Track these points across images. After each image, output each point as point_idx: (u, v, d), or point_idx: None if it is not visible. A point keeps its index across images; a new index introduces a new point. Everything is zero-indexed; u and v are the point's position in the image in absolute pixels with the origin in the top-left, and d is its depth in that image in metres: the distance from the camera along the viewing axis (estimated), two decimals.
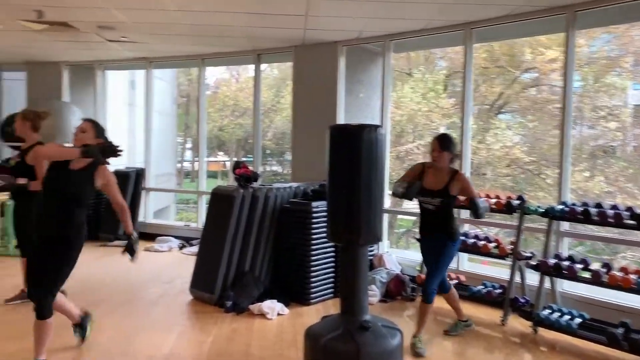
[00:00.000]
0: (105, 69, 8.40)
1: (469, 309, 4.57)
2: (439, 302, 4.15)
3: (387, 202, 6.06)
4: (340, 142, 3.19)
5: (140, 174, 7.87)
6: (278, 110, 17.58)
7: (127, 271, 5.95)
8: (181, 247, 7.26)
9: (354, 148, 3.10)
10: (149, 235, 7.77)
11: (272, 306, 4.57)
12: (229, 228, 4.83)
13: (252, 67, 7.13)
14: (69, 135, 7.88)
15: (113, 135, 8.84)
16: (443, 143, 3.74)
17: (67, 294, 4.50)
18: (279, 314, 4.55)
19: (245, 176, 5.15)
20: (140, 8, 5.05)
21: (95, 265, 6.17)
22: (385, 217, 6.37)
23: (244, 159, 19.12)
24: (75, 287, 4.88)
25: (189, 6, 4.96)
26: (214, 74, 19.75)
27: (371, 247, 5.25)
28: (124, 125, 11.64)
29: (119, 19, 5.40)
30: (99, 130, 3.33)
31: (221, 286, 4.79)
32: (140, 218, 7.93)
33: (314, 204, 4.87)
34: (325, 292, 4.99)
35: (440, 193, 3.71)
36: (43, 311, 3.19)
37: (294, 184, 5.49)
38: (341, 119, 6.35)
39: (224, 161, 21.73)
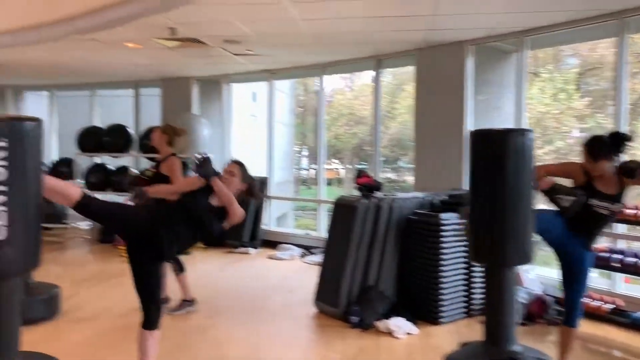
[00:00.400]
0: (230, 82, 8.72)
1: (631, 340, 3.97)
2: (587, 327, 3.62)
3: None
4: (484, 148, 2.86)
5: (263, 182, 8.02)
6: (393, 116, 17.30)
7: (252, 278, 6.04)
8: (302, 256, 7.25)
9: (499, 155, 2.76)
10: (271, 243, 7.88)
11: (399, 324, 4.31)
12: (352, 239, 4.67)
13: (366, 74, 7.06)
14: (198, 147, 8.32)
15: (237, 146, 9.11)
16: (593, 152, 3.07)
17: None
18: (407, 333, 4.28)
19: (368, 185, 4.96)
20: (265, 20, 5.09)
21: (221, 272, 6.34)
22: None
23: (360, 166, 19.06)
24: (203, 294, 5.01)
25: (313, 15, 4.91)
26: (328, 83, 19.97)
27: None
28: (246, 136, 12.09)
29: (244, 32, 5.50)
30: (245, 172, 3.28)
31: (346, 300, 4.63)
32: (264, 226, 8.08)
33: (444, 215, 4.54)
34: (457, 311, 4.63)
35: (618, 198, 3.16)
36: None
37: (419, 194, 5.19)
38: (469, 124, 5.94)
39: (338, 169, 21.84)
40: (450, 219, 4.54)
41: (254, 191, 3.29)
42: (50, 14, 5.41)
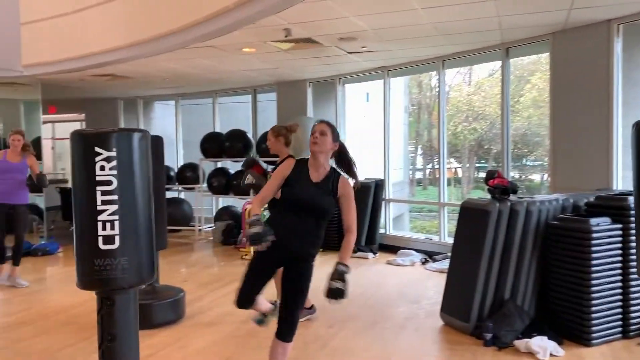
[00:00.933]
0: (345, 82, 8.54)
1: None
2: None
3: None
4: None
5: (379, 184, 7.73)
6: (515, 110, 16.12)
7: (372, 285, 5.75)
8: (423, 262, 6.83)
9: None
10: (389, 247, 7.55)
11: (542, 344, 3.78)
12: (484, 248, 4.20)
13: (485, 67, 6.44)
14: None
15: (352, 147, 8.90)
16: None
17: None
18: (551, 355, 3.74)
19: (501, 187, 4.45)
20: (382, 12, 4.80)
21: None
22: None
23: (480, 165, 18.04)
24: (321, 301, 4.80)
25: (435, 1, 4.52)
26: (446, 78, 19.14)
27: None
28: (361, 137, 11.88)
29: (359, 27, 5.25)
30: (335, 131, 3.07)
31: (477, 314, 4.18)
32: (381, 229, 7.78)
33: (594, 221, 3.92)
34: (611, 330, 3.97)
35: None
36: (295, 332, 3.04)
37: (560, 196, 4.56)
38: (617, 115, 5.17)
39: (455, 168, 20.88)
40: (601, 225, 3.92)
41: (345, 152, 3.06)
42: (170, 24, 5.57)
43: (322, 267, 3.19)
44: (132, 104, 11.01)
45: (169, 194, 10.23)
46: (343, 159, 3.10)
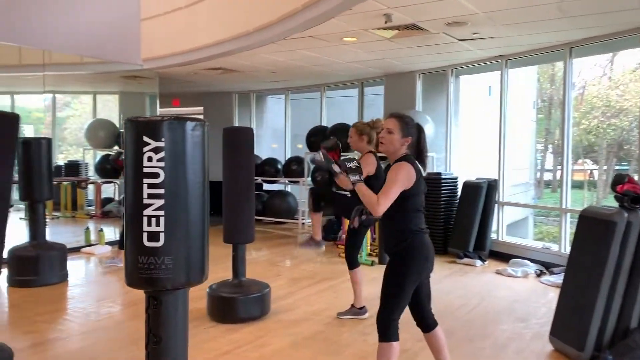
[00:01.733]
0: (458, 74, 7.94)
1: None
2: None
3: None
4: None
5: (492, 185, 7.07)
6: None
7: (475, 297, 5.22)
8: (538, 274, 6.10)
9: None
10: (501, 255, 6.88)
11: None
12: (606, 264, 3.54)
13: (628, 56, 5.43)
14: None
15: (468, 145, 8.24)
16: None
17: None
18: None
19: (631, 194, 3.73)
20: None
21: (439, 285, 5.65)
22: None
23: (620, 168, 16.19)
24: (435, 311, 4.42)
25: None
26: (578, 70, 17.34)
27: None
28: (480, 134, 11.08)
29: (468, 10, 4.74)
30: (406, 126, 2.75)
31: (594, 343, 3.54)
32: (492, 235, 7.11)
33: None
34: None
35: None
36: (386, 333, 2.74)
37: None
38: None
39: (590, 170, 18.88)
40: None
41: (420, 140, 2.78)
42: (269, 15, 5.48)
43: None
44: (246, 97, 11.29)
45: (275, 187, 10.35)
46: (419, 148, 2.81)
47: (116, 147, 9.30)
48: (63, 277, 5.58)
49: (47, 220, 8.50)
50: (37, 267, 5.31)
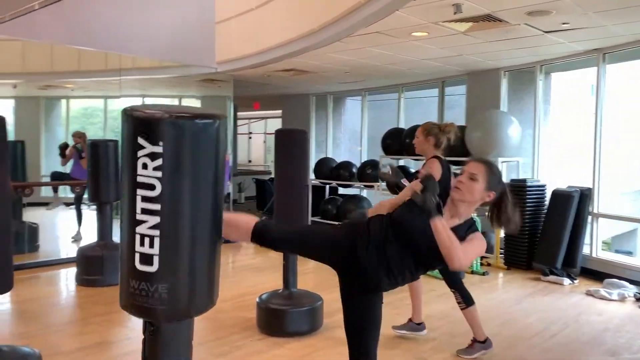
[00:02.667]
0: (548, 71, 7.19)
1: None
2: None
3: None
4: None
5: (585, 194, 6.29)
6: None
7: (558, 321, 4.59)
8: (639, 299, 5.29)
9: None
10: (595, 274, 6.10)
11: None
12: None
13: None
14: (507, 149, 7.10)
15: (565, 149, 7.41)
16: None
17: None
18: None
19: None
20: None
21: (517, 306, 5.06)
22: None
23: None
24: (497, 337, 3.95)
25: None
26: None
27: None
28: (583, 138, 10.05)
29: None
30: (493, 175, 2.26)
31: None
32: (585, 251, 6.33)
33: None
34: None
35: None
36: None
37: None
38: None
39: None
40: None
41: (504, 205, 2.25)
42: (332, 11, 5.20)
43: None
44: (324, 99, 11.10)
45: (349, 191, 10.04)
46: (499, 214, 2.29)
47: None
48: None
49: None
50: (102, 267, 5.40)
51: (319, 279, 6.06)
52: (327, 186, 9.97)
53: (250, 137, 19.16)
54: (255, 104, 12.69)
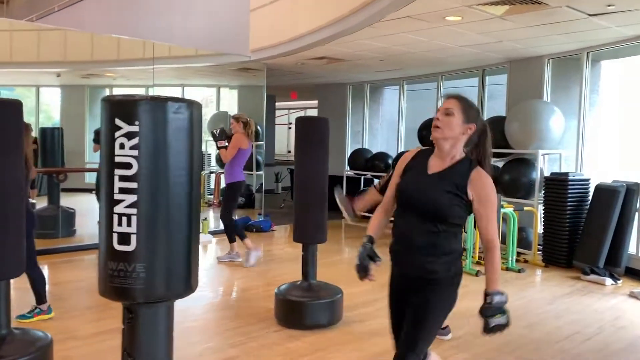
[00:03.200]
0: (596, 58, 6.75)
1: None
2: None
3: None
4: None
5: (632, 190, 5.89)
6: None
7: (596, 324, 4.30)
8: None
9: None
10: (638, 274, 5.72)
11: None
12: None
13: None
14: (548, 141, 6.72)
15: (607, 140, 6.93)
16: None
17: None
18: None
19: None
20: None
21: (550, 306, 4.78)
22: None
23: None
24: (522, 339, 3.72)
25: None
26: None
27: None
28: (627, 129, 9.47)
29: None
30: (469, 110, 2.16)
31: None
32: (631, 249, 5.93)
33: None
34: None
35: None
36: None
37: None
38: None
39: None
40: None
41: (484, 137, 2.20)
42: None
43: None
44: (361, 89, 10.89)
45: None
46: (478, 146, 2.20)
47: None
48: None
49: None
50: None
51: (342, 271, 5.94)
52: (362, 177, 9.80)
53: (290, 128, 19.14)
54: (293, 94, 12.62)
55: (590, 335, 4.06)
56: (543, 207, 6.57)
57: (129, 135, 1.74)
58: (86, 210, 7.70)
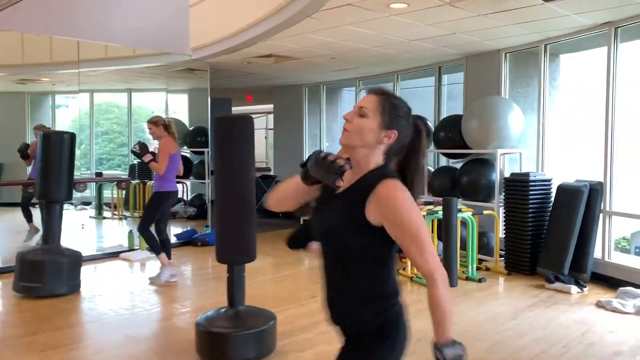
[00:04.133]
0: (555, 52, 6.40)
1: None
2: None
3: None
4: None
5: (597, 189, 5.51)
6: None
7: (560, 341, 3.85)
8: None
9: None
10: (608, 280, 5.34)
11: None
12: None
13: None
14: (507, 139, 6.33)
15: (569, 139, 6.54)
16: None
17: None
18: None
19: None
20: None
21: (516, 322, 4.31)
22: None
23: None
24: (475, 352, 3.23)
25: None
26: None
27: None
28: (593, 127, 9.17)
29: None
30: (391, 110, 1.62)
31: None
32: (596, 254, 5.55)
33: None
34: None
35: None
36: None
37: None
38: None
39: None
40: None
41: (414, 148, 1.67)
42: None
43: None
44: (317, 90, 10.39)
45: None
46: (408, 158, 1.68)
47: (185, 147, 8.84)
48: (74, 288, 5.03)
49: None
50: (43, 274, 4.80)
51: (300, 288, 5.40)
52: None
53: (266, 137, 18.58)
54: (248, 97, 12.03)
55: (556, 355, 3.61)
56: (504, 210, 6.16)
57: None
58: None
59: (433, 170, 7.33)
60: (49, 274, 4.81)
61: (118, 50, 7.79)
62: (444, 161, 7.68)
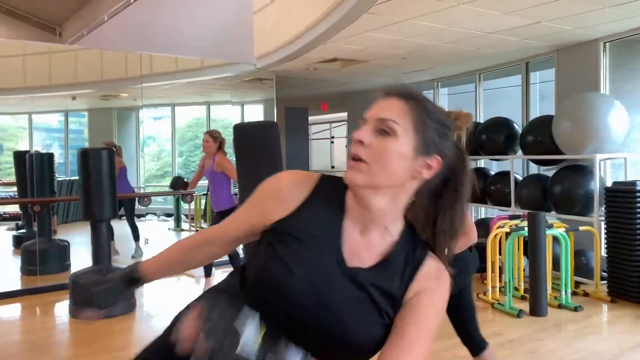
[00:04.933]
0: None
1: None
2: None
3: None
4: None
5: None
6: None
7: None
8: None
9: None
10: None
11: None
12: None
13: None
14: (607, 142, 5.40)
15: None
16: None
17: None
18: None
19: None
20: None
21: (627, 359, 3.52)
22: None
23: None
24: None
25: None
26: None
27: None
28: None
29: None
30: (434, 126, 1.05)
31: None
32: None
33: None
34: None
35: None
36: None
37: None
38: None
39: None
40: None
41: (459, 188, 1.06)
42: None
43: None
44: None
45: None
46: (442, 205, 1.09)
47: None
48: (130, 306, 4.87)
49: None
50: None
51: None
52: None
53: (332, 142, 18.28)
54: (324, 105, 11.70)
55: None
56: (605, 225, 5.25)
57: None
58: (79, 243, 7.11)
59: (521, 178, 6.51)
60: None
61: (187, 63, 7.77)
62: (533, 169, 6.82)
